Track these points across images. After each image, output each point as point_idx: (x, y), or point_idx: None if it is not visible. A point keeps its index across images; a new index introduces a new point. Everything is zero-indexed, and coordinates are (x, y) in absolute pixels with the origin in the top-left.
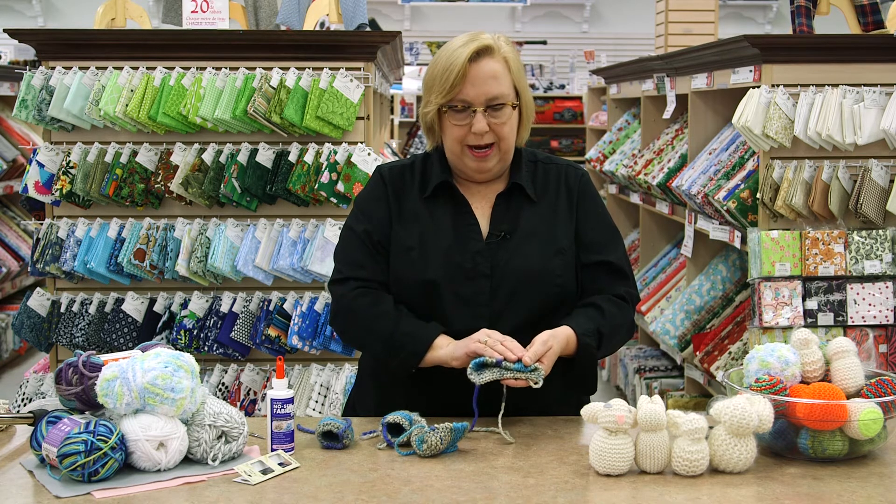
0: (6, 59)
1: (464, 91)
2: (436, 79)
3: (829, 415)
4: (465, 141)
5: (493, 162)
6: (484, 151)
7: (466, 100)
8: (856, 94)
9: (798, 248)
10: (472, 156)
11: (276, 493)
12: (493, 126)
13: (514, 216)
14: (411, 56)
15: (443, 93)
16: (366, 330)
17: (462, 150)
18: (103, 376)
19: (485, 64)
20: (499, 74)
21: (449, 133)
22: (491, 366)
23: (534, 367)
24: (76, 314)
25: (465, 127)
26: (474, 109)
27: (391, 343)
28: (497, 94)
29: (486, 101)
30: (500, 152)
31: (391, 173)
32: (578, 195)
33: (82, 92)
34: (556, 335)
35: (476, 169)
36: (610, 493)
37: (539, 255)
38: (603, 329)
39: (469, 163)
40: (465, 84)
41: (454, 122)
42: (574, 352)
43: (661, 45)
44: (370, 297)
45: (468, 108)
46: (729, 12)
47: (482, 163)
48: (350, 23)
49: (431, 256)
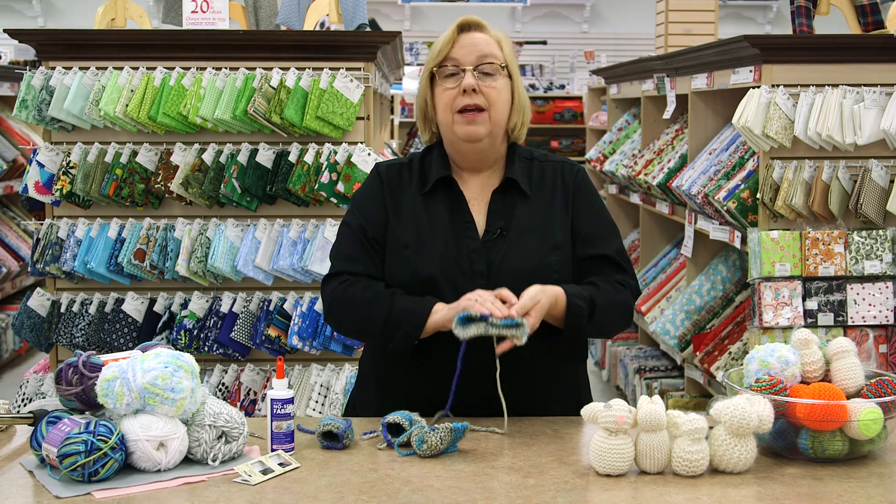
0: (6, 59)
1: (453, 52)
2: (429, 56)
3: (829, 415)
4: (455, 104)
5: (483, 129)
6: (473, 114)
7: (456, 59)
8: (856, 94)
9: (798, 248)
10: (462, 119)
11: (276, 493)
12: (482, 89)
13: (509, 212)
14: (411, 56)
15: (432, 59)
16: (362, 315)
17: (453, 116)
18: (103, 376)
19: (474, 34)
20: (489, 43)
21: (440, 101)
22: (476, 320)
23: (519, 323)
24: (76, 314)
25: (455, 90)
26: (464, 69)
27: (389, 322)
28: (486, 54)
29: (475, 59)
30: (490, 121)
31: (388, 171)
32: (574, 190)
33: (82, 92)
34: (546, 290)
35: (466, 135)
36: (610, 493)
37: (535, 251)
38: (596, 299)
39: (459, 129)
40: (454, 47)
41: (445, 87)
42: (563, 313)
43: (661, 45)
44: (361, 284)
45: (458, 69)
46: (729, 12)
47: (472, 126)
48: (350, 23)
49: (428, 253)
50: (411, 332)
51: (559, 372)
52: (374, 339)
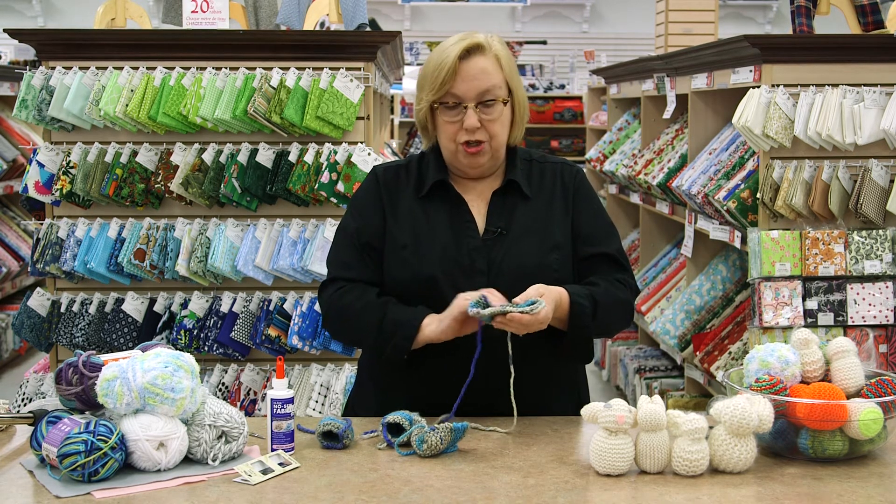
0: (6, 59)
1: (454, 87)
2: (427, 77)
3: (829, 415)
4: (458, 138)
5: (485, 158)
6: (476, 147)
7: (457, 95)
8: (856, 94)
9: (798, 248)
10: (465, 152)
11: (276, 493)
12: (484, 123)
13: (509, 213)
14: (411, 56)
15: (434, 90)
16: (356, 324)
17: (456, 147)
18: (103, 376)
19: (475, 61)
20: (489, 70)
21: (442, 130)
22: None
23: (533, 301)
24: (76, 314)
25: (456, 124)
26: (465, 105)
27: (381, 331)
28: (487, 89)
29: (476, 96)
30: (491, 149)
31: (385, 173)
32: (575, 191)
33: (82, 92)
34: (549, 289)
35: (468, 165)
36: (610, 493)
37: (535, 251)
38: (598, 298)
39: (461, 159)
40: (455, 80)
41: (446, 119)
42: (566, 314)
43: (661, 45)
44: (355, 291)
45: (459, 104)
46: (729, 12)
47: (474, 158)
48: (350, 23)
49: (427, 253)
50: (402, 345)
51: (559, 372)
52: (368, 349)
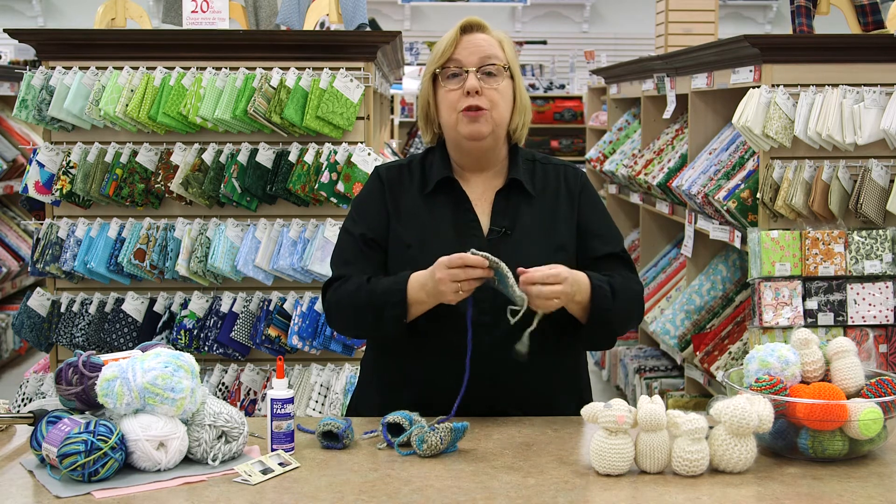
0: (6, 59)
1: (456, 53)
2: (431, 56)
3: (829, 415)
4: (459, 105)
5: (486, 127)
6: (477, 112)
7: (459, 60)
8: (856, 94)
9: (798, 248)
10: (466, 118)
11: (276, 493)
12: (485, 90)
13: (513, 213)
14: (411, 56)
15: (435, 60)
16: (353, 311)
17: (457, 116)
18: (103, 376)
19: (476, 35)
20: (492, 44)
21: (443, 102)
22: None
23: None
24: (76, 314)
25: (458, 91)
26: (467, 70)
27: (374, 306)
28: (488, 55)
29: (478, 61)
30: (492, 120)
31: (388, 172)
32: (580, 193)
33: (82, 92)
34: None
35: (470, 134)
36: (610, 493)
37: (539, 251)
38: (615, 285)
39: (462, 128)
40: (457, 49)
41: (448, 88)
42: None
43: (661, 45)
44: (349, 283)
45: (461, 71)
46: (729, 12)
47: (475, 124)
48: (350, 23)
49: (432, 252)
50: (396, 312)
51: (560, 372)
52: (370, 331)
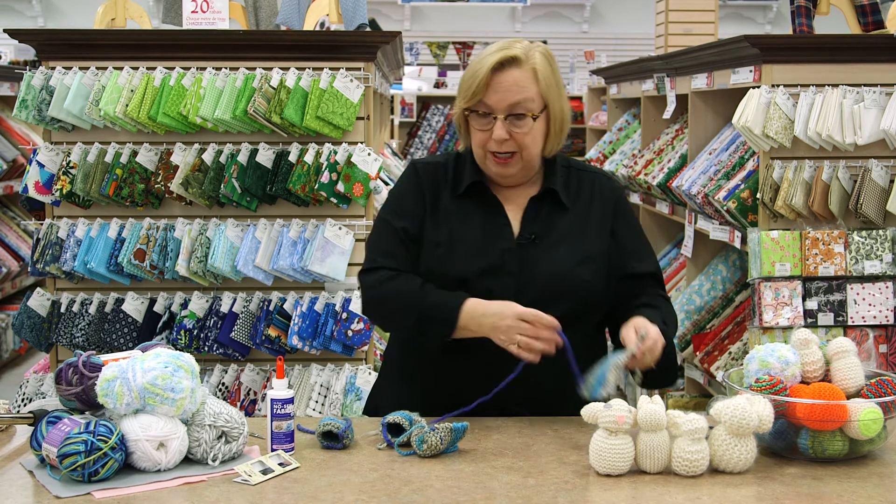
0: (6, 59)
1: (486, 97)
2: (462, 84)
3: (829, 415)
4: (487, 146)
5: (515, 169)
6: (504, 158)
7: (488, 105)
8: (856, 94)
9: (798, 248)
10: (494, 161)
11: (276, 493)
12: (514, 135)
13: (545, 220)
14: (411, 56)
15: (466, 98)
16: (397, 310)
17: (485, 154)
18: (103, 376)
19: (509, 73)
20: (522, 84)
21: (473, 137)
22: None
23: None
24: (76, 314)
25: (486, 133)
26: (495, 116)
27: (422, 317)
28: (518, 102)
29: (506, 108)
30: (521, 160)
31: (426, 169)
32: (615, 207)
33: (82, 92)
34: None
35: (497, 174)
36: (610, 493)
37: (568, 261)
38: (667, 320)
39: (490, 167)
40: (486, 91)
41: (477, 127)
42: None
43: (661, 45)
44: (399, 278)
45: (489, 114)
46: (729, 12)
47: (502, 168)
48: (350, 23)
49: (460, 253)
50: (443, 331)
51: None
52: (408, 333)
